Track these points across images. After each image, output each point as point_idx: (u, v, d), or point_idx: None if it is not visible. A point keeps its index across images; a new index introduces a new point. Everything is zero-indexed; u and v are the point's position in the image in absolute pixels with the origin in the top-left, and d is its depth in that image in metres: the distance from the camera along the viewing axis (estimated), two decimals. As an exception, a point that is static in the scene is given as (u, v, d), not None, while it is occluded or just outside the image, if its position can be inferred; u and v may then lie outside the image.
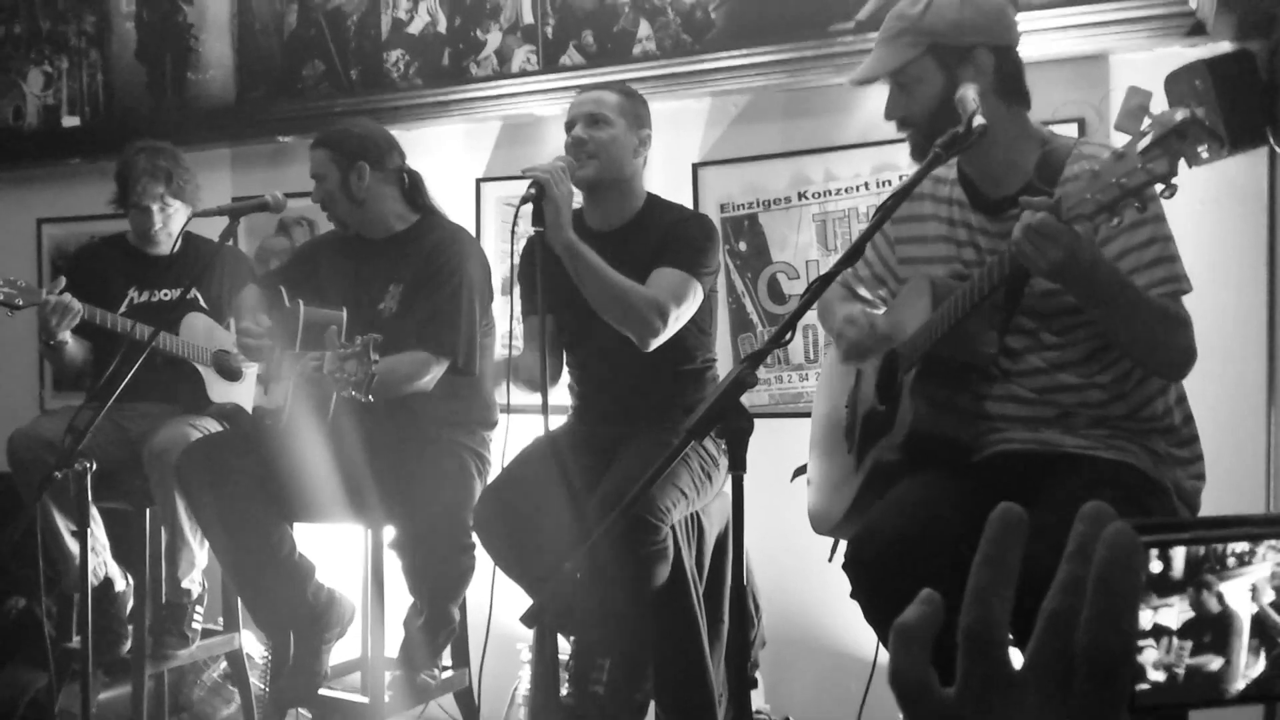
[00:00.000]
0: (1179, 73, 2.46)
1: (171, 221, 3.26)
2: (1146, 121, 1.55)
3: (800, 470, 2.40)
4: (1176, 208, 1.84)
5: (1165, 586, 0.60)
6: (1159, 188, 1.55)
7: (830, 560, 2.25)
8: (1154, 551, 0.61)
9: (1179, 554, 0.60)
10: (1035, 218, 1.67)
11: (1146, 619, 0.59)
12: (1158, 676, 0.60)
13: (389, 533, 2.75)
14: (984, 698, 0.53)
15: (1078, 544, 0.54)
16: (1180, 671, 0.60)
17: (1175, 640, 0.60)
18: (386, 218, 2.88)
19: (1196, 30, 2.47)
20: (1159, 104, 1.63)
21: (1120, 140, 1.88)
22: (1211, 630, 0.60)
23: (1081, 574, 0.53)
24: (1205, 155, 2.39)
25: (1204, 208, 2.54)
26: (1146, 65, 2.55)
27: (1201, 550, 0.60)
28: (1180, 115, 1.52)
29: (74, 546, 2.93)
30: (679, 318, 2.46)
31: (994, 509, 0.60)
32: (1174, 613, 0.60)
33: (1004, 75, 1.96)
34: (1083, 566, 0.53)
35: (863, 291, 2.31)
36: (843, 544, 2.22)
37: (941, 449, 1.98)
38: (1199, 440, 2.00)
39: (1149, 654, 0.59)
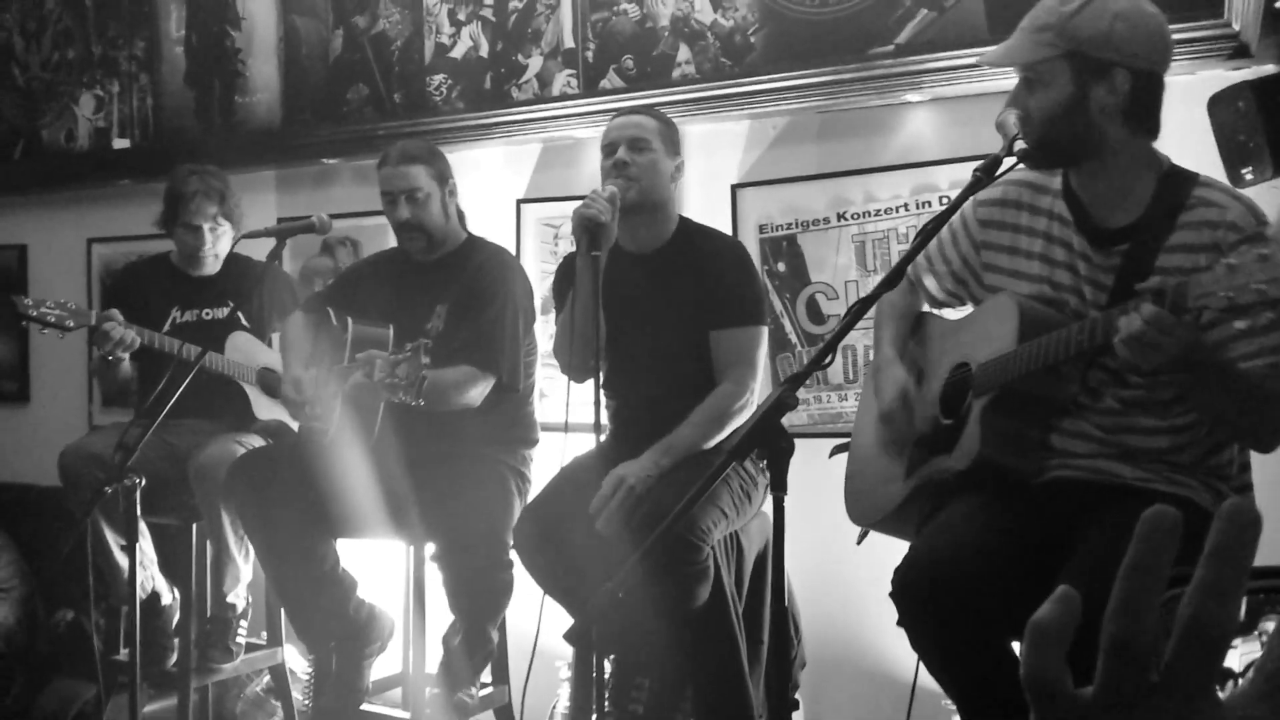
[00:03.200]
0: (1222, 94, 2.45)
1: (219, 243, 3.31)
2: None
3: (840, 448, 2.39)
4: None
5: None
6: None
7: (859, 544, 2.23)
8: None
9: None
10: (1146, 313, 1.59)
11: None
12: None
13: (431, 547, 2.78)
14: (1124, 705, 0.53)
15: (1214, 544, 0.53)
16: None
17: (1239, 682, 0.61)
18: (449, 236, 2.94)
19: (1240, 53, 2.46)
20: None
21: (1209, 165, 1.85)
22: None
23: (1221, 575, 0.52)
24: (1249, 178, 2.38)
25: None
26: (1190, 88, 2.54)
27: (1261, 596, 0.61)
28: None
29: (123, 561, 2.98)
30: (758, 371, 2.56)
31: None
32: (1236, 655, 0.62)
33: (1137, 100, 1.86)
34: (1223, 567, 0.52)
35: (930, 283, 2.21)
36: (873, 540, 2.21)
37: (1004, 476, 1.94)
38: (1252, 487, 1.97)
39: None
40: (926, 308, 2.28)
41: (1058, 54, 1.85)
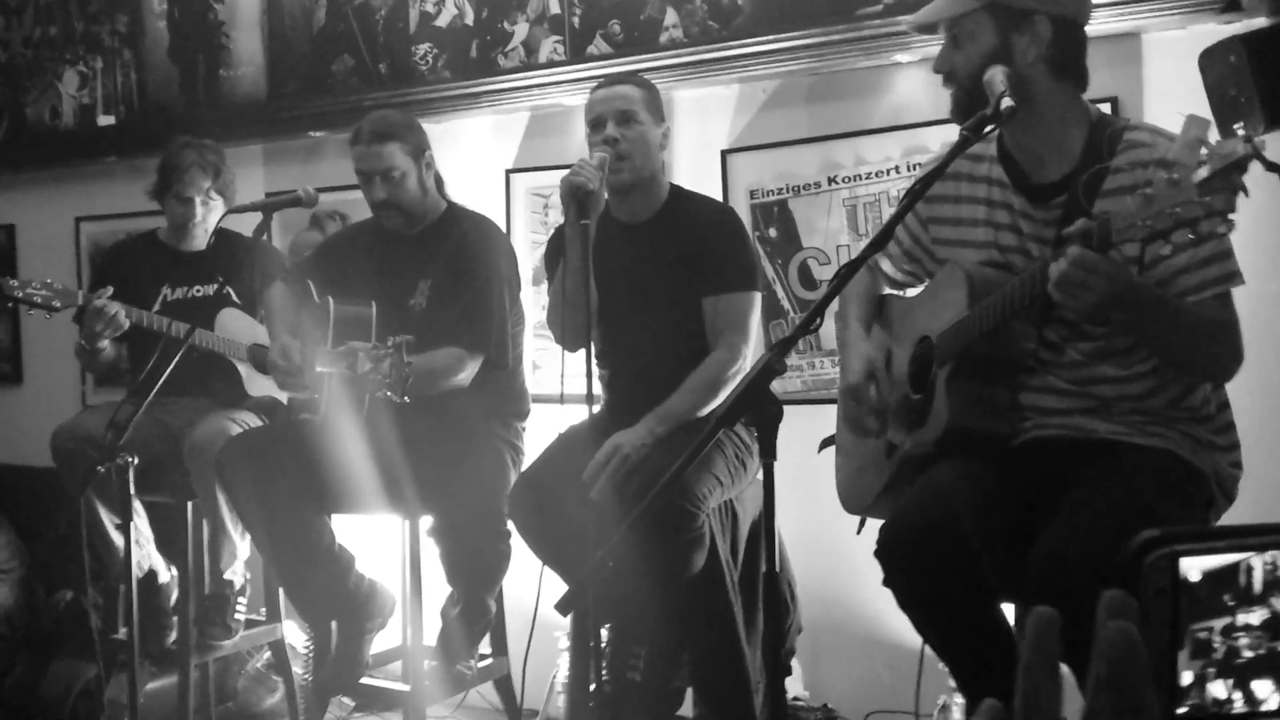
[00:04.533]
0: (1213, 49, 2.42)
1: (209, 218, 3.28)
2: (1204, 152, 1.51)
3: (828, 441, 2.39)
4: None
5: (1247, 599, 0.61)
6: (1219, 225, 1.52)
7: (858, 533, 2.25)
8: (1241, 564, 0.61)
9: (1258, 566, 0.61)
10: (1072, 255, 1.62)
11: (1238, 620, 0.61)
12: (1218, 692, 0.61)
13: (426, 522, 2.78)
14: None
15: (1093, 676, 0.57)
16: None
17: (1260, 634, 0.62)
18: (429, 209, 2.90)
19: (1231, 6, 2.43)
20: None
21: (1166, 121, 1.86)
22: None
23: (1098, 706, 0.56)
24: (1242, 132, 2.35)
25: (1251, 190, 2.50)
26: (1180, 43, 2.51)
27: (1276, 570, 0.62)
28: (1241, 149, 1.48)
29: (118, 539, 2.98)
30: (751, 337, 2.54)
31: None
32: (1255, 616, 0.62)
33: (1061, 48, 1.89)
34: (1100, 696, 0.56)
35: (887, 267, 2.25)
36: (871, 520, 2.22)
37: (979, 441, 1.95)
38: (1235, 428, 1.97)
39: (1242, 640, 0.61)
40: (887, 290, 2.30)
41: (978, 6, 1.88)
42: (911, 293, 2.26)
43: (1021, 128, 1.93)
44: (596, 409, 2.74)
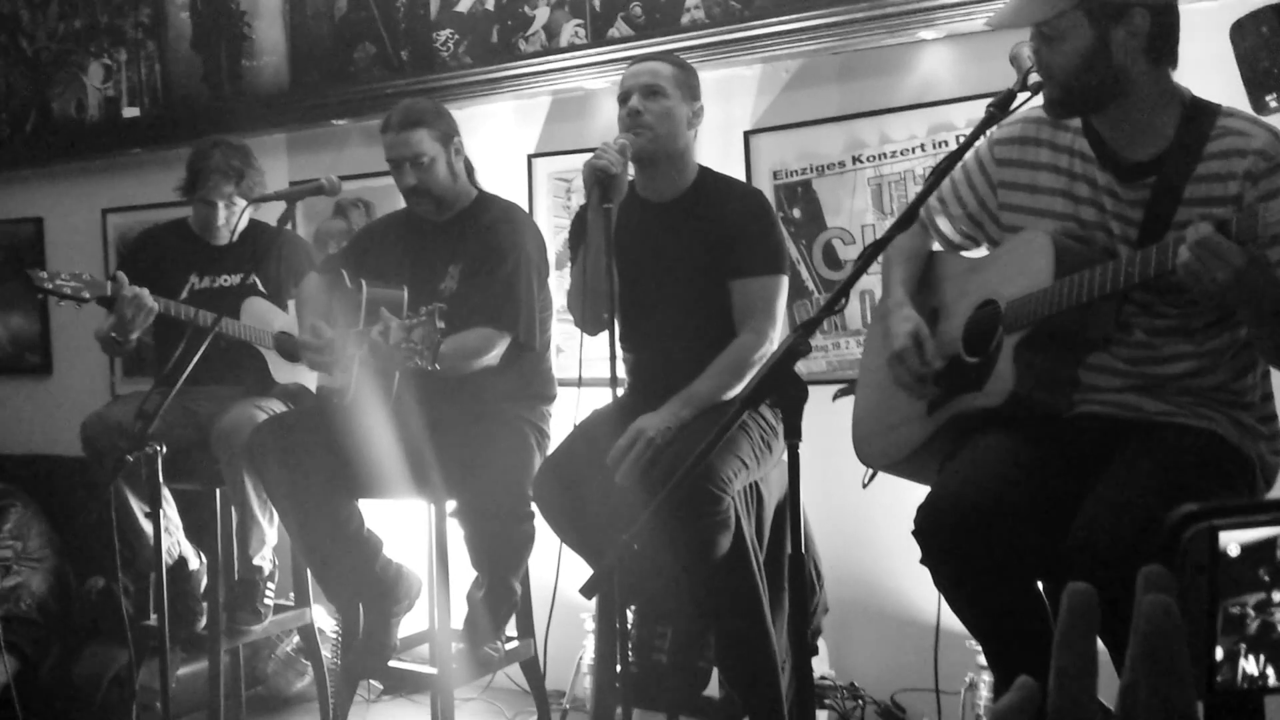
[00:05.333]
0: (1244, 20, 2.39)
1: (234, 217, 3.29)
2: None
3: (844, 391, 2.37)
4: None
5: None
6: None
7: (865, 486, 2.21)
8: (1278, 539, 0.60)
9: None
10: (1203, 233, 1.58)
11: (1274, 596, 0.60)
12: (1250, 669, 0.60)
13: (452, 506, 2.79)
14: None
15: (1059, 633, 0.56)
16: None
17: None
18: (460, 195, 2.91)
19: (1262, -24, 2.39)
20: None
21: (1201, 94, 1.82)
22: None
23: (1065, 663, 0.55)
24: (1274, 105, 2.32)
25: None
26: (1212, 13, 2.47)
27: None
28: None
29: (148, 527, 3.00)
30: (778, 321, 2.52)
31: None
32: None
33: (1158, 34, 1.81)
34: (1065, 655, 0.56)
35: (944, 225, 2.18)
36: (883, 478, 2.19)
37: (1035, 413, 1.91)
38: (1278, 419, 1.94)
39: (1278, 616, 0.60)
40: (938, 248, 2.24)
41: (1072, 5, 1.80)
42: (976, 253, 2.20)
43: (1112, 111, 1.87)
44: (621, 393, 2.74)
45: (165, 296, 3.12)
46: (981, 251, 2.19)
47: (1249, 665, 0.60)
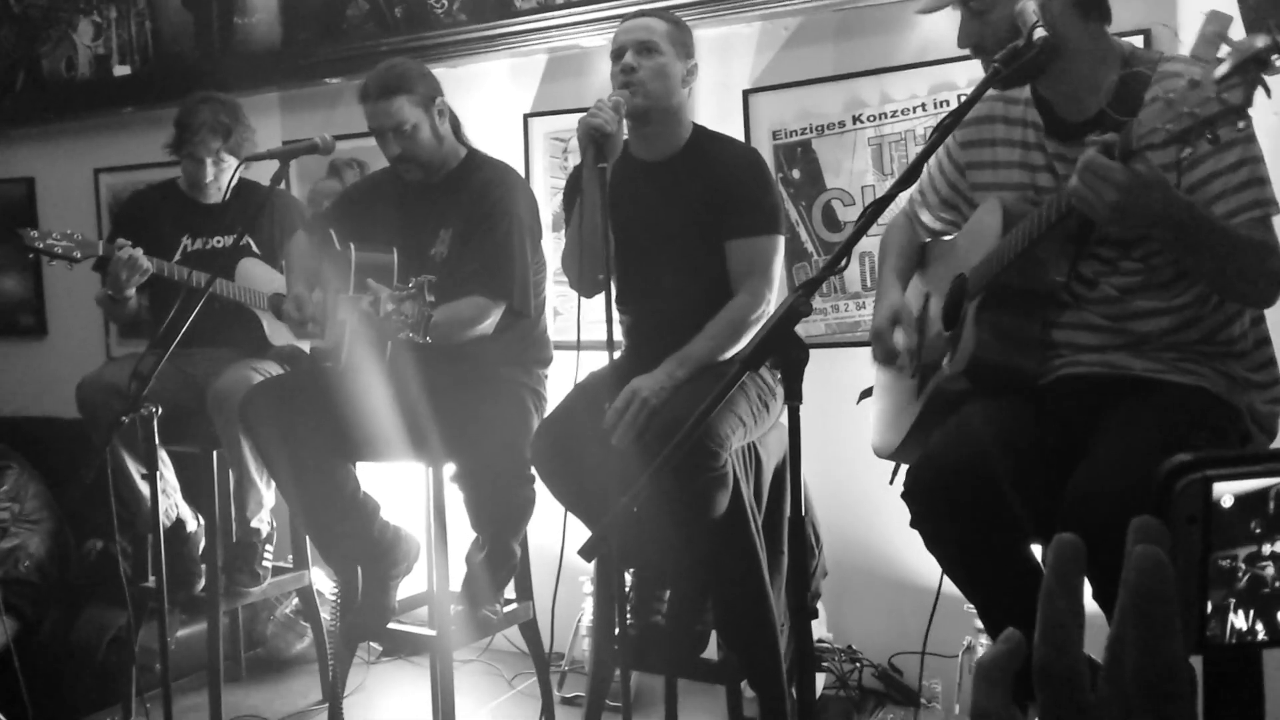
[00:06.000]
0: (1252, -24, 2.35)
1: (223, 175, 3.26)
2: (1224, 49, 1.46)
3: (866, 393, 2.38)
4: (1260, 122, 1.76)
5: (1275, 527, 0.59)
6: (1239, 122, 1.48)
7: (891, 484, 2.23)
8: (1271, 490, 0.59)
9: None
10: (1088, 155, 1.60)
11: (1264, 549, 0.59)
12: (1239, 623, 0.59)
13: (450, 469, 2.78)
14: None
15: (1044, 588, 0.56)
16: None
17: None
18: (448, 156, 2.87)
19: (1270, -70, 2.35)
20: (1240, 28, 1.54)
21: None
22: None
23: (1051, 618, 0.55)
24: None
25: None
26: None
27: None
28: (1261, 42, 1.43)
29: (145, 489, 3.00)
30: (775, 281, 2.50)
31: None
32: None
33: None
34: (1052, 608, 0.55)
35: (927, 218, 2.24)
36: (904, 468, 2.20)
37: (1006, 377, 1.93)
38: (1276, 364, 1.94)
39: (1268, 569, 0.59)
40: (927, 240, 2.28)
41: None
42: (951, 235, 2.24)
43: (1053, 73, 1.88)
44: (618, 355, 2.73)
45: (159, 257, 3.09)
46: None
47: (1238, 620, 0.60)
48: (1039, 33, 1.76)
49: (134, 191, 3.59)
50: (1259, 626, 0.60)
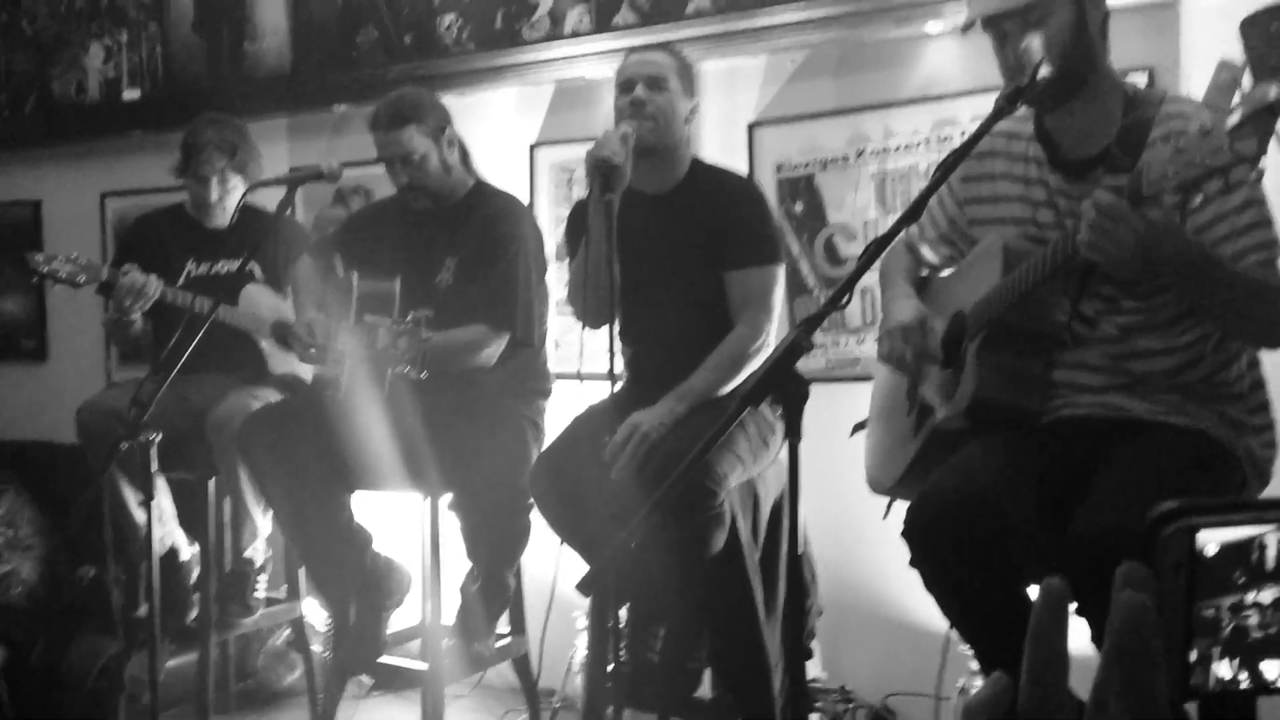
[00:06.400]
0: (1255, 16, 2.35)
1: (229, 196, 3.25)
2: (1237, 97, 1.46)
3: (860, 426, 2.36)
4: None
5: (1259, 577, 0.59)
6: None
7: (885, 518, 2.21)
8: (1255, 540, 0.59)
9: (1272, 543, 0.59)
10: (1099, 198, 1.59)
11: (1248, 599, 0.59)
12: (1223, 672, 0.57)
13: (447, 499, 2.76)
14: None
15: (1030, 630, 0.56)
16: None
17: (1272, 613, 0.60)
18: (456, 186, 2.87)
19: (1276, -29, 2.35)
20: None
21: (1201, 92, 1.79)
22: None
23: (1035, 659, 0.56)
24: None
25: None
26: (1219, 11, 2.43)
27: None
28: (1274, 92, 1.43)
29: (141, 516, 2.98)
30: (774, 312, 2.50)
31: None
32: (1267, 594, 0.59)
33: (1107, 12, 1.86)
34: (1037, 651, 0.56)
35: (926, 252, 2.23)
36: (898, 503, 2.18)
37: (1006, 416, 1.91)
38: (1269, 408, 1.93)
39: (1251, 619, 0.59)
40: (925, 273, 2.26)
41: None
42: (949, 271, 2.23)
43: (1071, 108, 1.87)
44: (619, 387, 2.71)
45: (163, 283, 3.09)
46: None
47: (1221, 669, 0.60)
48: (1043, 71, 1.76)
49: (140, 214, 3.59)
50: (1242, 675, 0.60)
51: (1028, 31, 1.83)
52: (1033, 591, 1.84)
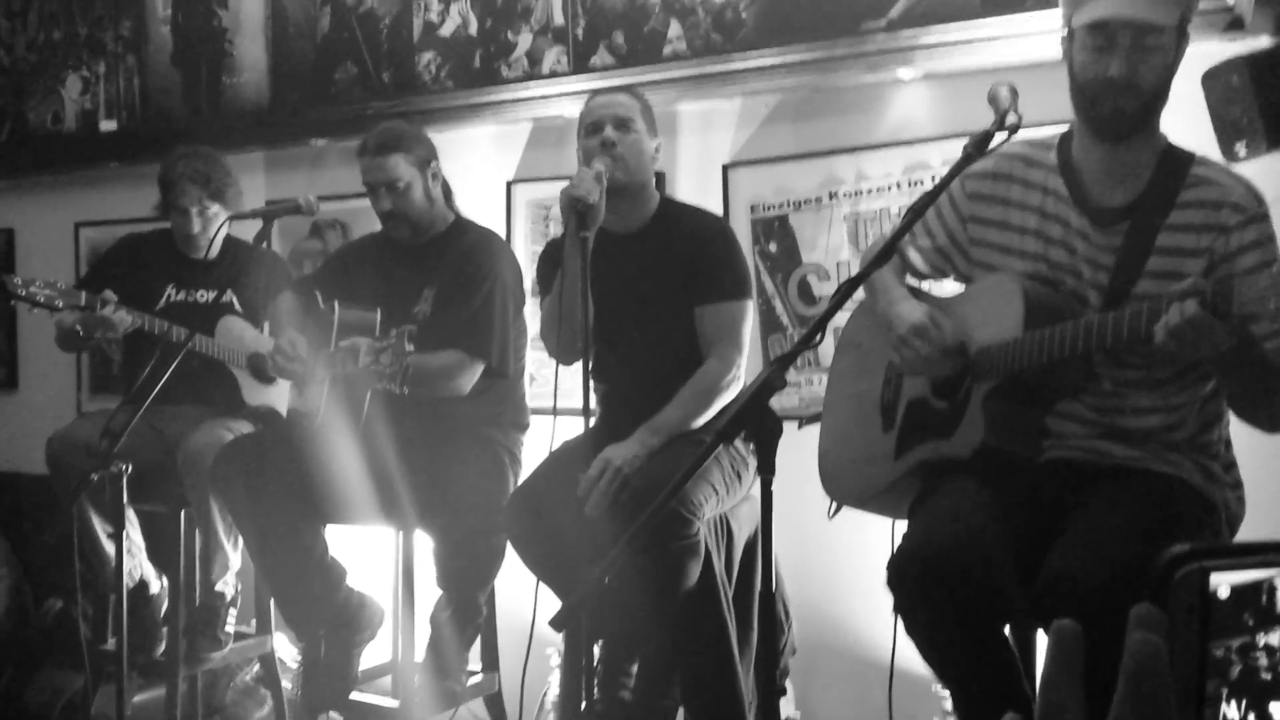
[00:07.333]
0: (1217, 69, 2.41)
1: (211, 226, 3.24)
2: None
3: (810, 420, 2.36)
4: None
5: (1267, 619, 0.60)
6: None
7: (831, 518, 2.21)
8: (1264, 584, 0.60)
9: None
10: (1192, 313, 1.57)
11: (1257, 640, 0.60)
12: (1231, 714, 0.60)
13: (420, 534, 2.76)
14: None
15: (1045, 671, 0.57)
16: None
17: None
18: (436, 219, 2.90)
19: (1234, 25, 2.41)
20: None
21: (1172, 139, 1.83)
22: None
23: (1049, 700, 0.57)
24: (1243, 154, 2.34)
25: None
26: (1184, 62, 2.49)
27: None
28: None
29: (110, 548, 2.95)
30: (744, 346, 2.53)
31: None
32: (1276, 636, 0.61)
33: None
34: (1051, 692, 0.57)
35: (913, 256, 2.14)
36: (847, 511, 2.18)
37: (1005, 461, 1.90)
38: (1237, 466, 1.95)
39: (1260, 660, 0.60)
40: (910, 280, 2.21)
41: (1176, 20, 1.82)
42: (945, 291, 2.17)
43: (1103, 150, 1.87)
44: (593, 422, 2.73)
45: (141, 304, 3.08)
46: (950, 284, 2.19)
47: (1230, 710, 0.60)
48: (1011, 118, 1.79)
49: (127, 234, 3.56)
50: (1250, 717, 0.60)
51: (1136, 50, 1.79)
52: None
